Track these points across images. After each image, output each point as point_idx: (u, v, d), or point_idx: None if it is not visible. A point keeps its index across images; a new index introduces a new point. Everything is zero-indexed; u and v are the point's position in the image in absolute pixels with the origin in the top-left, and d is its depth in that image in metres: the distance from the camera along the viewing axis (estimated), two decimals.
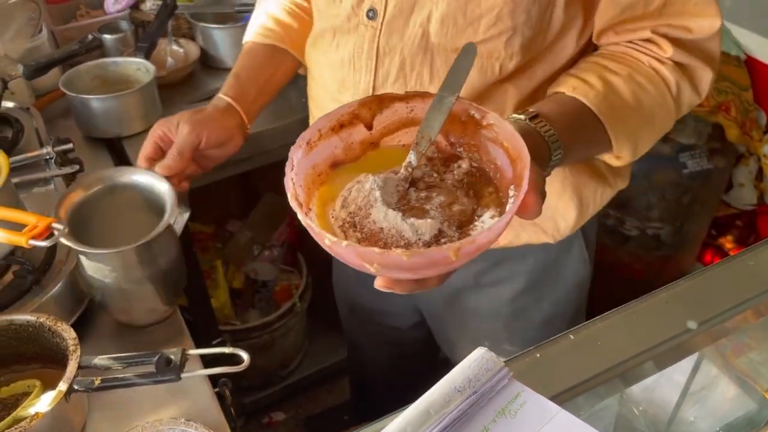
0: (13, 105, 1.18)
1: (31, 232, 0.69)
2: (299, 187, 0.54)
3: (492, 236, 0.47)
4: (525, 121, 0.64)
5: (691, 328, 0.39)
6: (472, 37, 0.71)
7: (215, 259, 1.78)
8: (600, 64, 0.73)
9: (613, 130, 0.70)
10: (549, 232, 0.85)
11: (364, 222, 0.52)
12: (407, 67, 0.75)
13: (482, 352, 0.35)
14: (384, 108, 0.58)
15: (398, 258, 0.45)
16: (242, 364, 0.70)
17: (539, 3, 0.69)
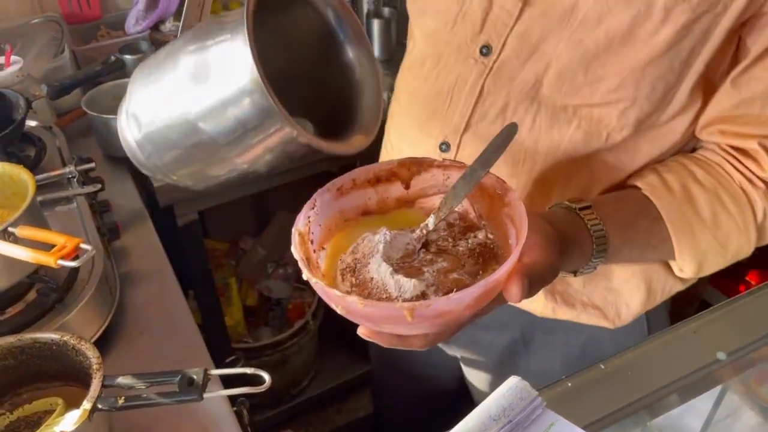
0: (36, 124, 1.20)
1: (60, 252, 0.70)
2: (317, 225, 0.57)
3: (452, 306, 0.46)
4: (574, 209, 0.62)
5: (720, 358, 0.39)
6: (587, 98, 0.66)
7: (229, 276, 1.79)
8: (688, 169, 0.68)
9: (679, 243, 0.66)
10: (609, 318, 0.81)
11: (362, 270, 0.54)
12: (509, 111, 0.71)
13: (516, 381, 0.35)
14: (422, 171, 0.60)
15: (355, 304, 0.46)
16: (263, 384, 0.70)
17: (666, 80, 0.64)
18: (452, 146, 0.77)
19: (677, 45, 0.61)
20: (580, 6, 0.62)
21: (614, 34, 0.62)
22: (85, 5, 1.55)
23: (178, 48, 0.50)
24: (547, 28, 0.65)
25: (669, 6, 0.59)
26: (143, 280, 0.96)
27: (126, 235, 1.03)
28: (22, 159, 1.09)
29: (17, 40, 1.37)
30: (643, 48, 0.62)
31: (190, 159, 0.52)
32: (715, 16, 0.59)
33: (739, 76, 0.64)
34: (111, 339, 0.86)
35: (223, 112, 0.46)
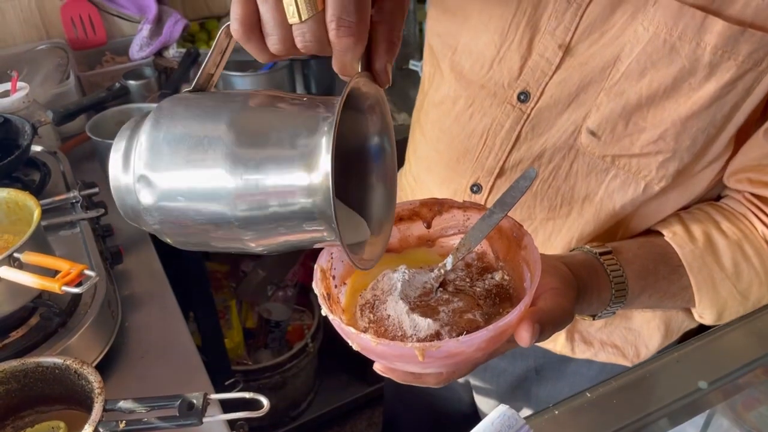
0: (41, 149, 1.22)
1: (65, 278, 0.71)
2: (339, 261, 0.58)
3: (462, 348, 0.48)
4: (594, 254, 0.63)
5: (701, 387, 0.41)
6: (627, 149, 0.65)
7: (229, 298, 1.80)
8: (712, 218, 0.68)
9: (700, 292, 0.66)
10: (629, 357, 0.82)
11: (380, 306, 0.55)
12: (545, 157, 0.70)
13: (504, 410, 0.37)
14: (444, 211, 0.62)
15: (368, 342, 0.48)
16: (262, 409, 0.71)
17: (708, 133, 0.63)
18: (484, 189, 0.76)
19: (720, 100, 0.61)
20: (622, 59, 0.62)
21: (657, 87, 0.62)
22: (90, 31, 1.59)
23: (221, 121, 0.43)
24: (588, 78, 0.65)
25: (714, 63, 0.59)
26: (145, 303, 0.98)
27: (128, 258, 1.05)
28: (27, 184, 1.11)
29: (23, 66, 1.40)
30: (686, 102, 0.61)
31: (203, 236, 0.47)
32: (759, 73, 0.59)
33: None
34: (112, 362, 0.87)
35: (267, 208, 0.42)
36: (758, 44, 0.57)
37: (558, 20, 0.65)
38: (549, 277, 0.55)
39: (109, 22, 1.62)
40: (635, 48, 0.61)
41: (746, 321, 0.49)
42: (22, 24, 1.54)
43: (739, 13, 0.57)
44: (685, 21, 0.58)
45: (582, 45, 0.64)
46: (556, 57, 0.66)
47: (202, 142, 0.42)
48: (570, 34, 0.65)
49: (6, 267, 0.74)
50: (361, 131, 0.51)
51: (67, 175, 1.16)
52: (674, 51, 0.60)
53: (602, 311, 0.65)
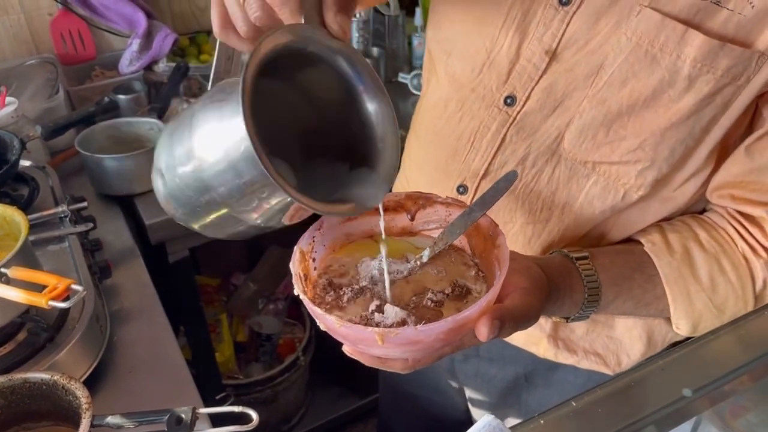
0: (30, 164, 1.22)
1: (52, 293, 0.71)
2: (321, 245, 0.62)
3: (421, 336, 0.50)
4: (570, 258, 0.64)
5: (686, 395, 0.41)
6: (607, 156, 0.67)
7: (220, 312, 1.79)
8: (692, 230, 0.69)
9: (675, 302, 0.67)
10: (610, 365, 0.82)
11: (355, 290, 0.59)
12: (528, 161, 0.72)
13: (489, 419, 0.37)
14: (428, 205, 0.64)
15: (333, 323, 0.50)
16: (251, 423, 0.71)
17: (686, 144, 0.65)
18: (470, 190, 0.77)
19: (699, 112, 0.62)
20: (605, 67, 0.63)
21: (638, 97, 0.63)
22: (79, 46, 1.59)
23: (195, 109, 0.51)
24: (573, 84, 0.66)
25: (693, 75, 0.60)
26: (133, 318, 0.97)
27: (117, 273, 1.04)
28: (15, 198, 1.11)
29: (12, 80, 1.40)
30: (665, 113, 0.63)
31: (206, 215, 0.54)
32: (737, 88, 0.61)
33: (753, 144, 0.65)
34: (101, 377, 0.86)
35: (227, 176, 0.48)
36: (737, 59, 0.59)
37: (546, 26, 0.66)
38: (519, 276, 0.56)
39: (98, 36, 1.63)
40: (618, 57, 0.62)
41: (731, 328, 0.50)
42: (11, 39, 1.55)
43: (719, 28, 0.58)
44: (667, 33, 0.60)
45: (568, 51, 0.66)
46: (542, 62, 0.67)
47: (179, 134, 0.51)
48: (557, 40, 0.66)
49: None
50: (344, 87, 0.55)
51: (55, 189, 1.16)
52: (655, 62, 0.61)
53: (575, 313, 0.66)
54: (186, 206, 0.54)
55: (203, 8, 1.75)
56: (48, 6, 1.55)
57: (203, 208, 0.52)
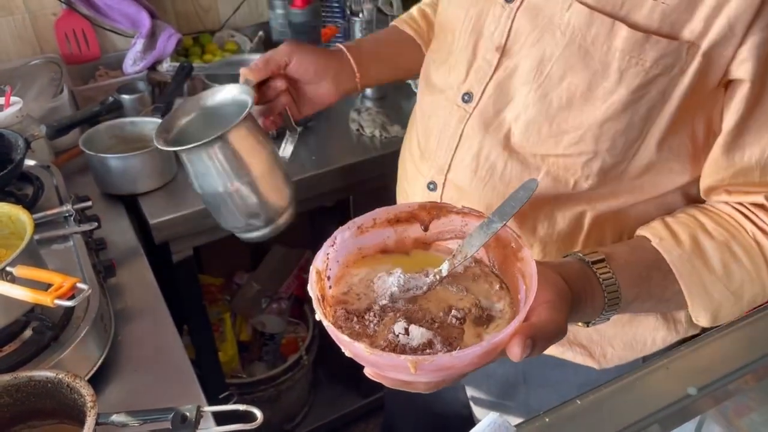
0: (34, 163, 1.22)
1: (57, 291, 0.71)
2: (335, 262, 0.60)
3: (455, 362, 0.49)
4: (588, 263, 0.64)
5: (691, 393, 0.41)
6: (552, 149, 0.69)
7: (223, 311, 1.79)
8: (698, 220, 0.69)
9: (691, 295, 0.67)
10: (595, 357, 0.83)
11: (374, 310, 0.56)
12: (482, 156, 0.74)
13: (495, 417, 0.37)
14: (442, 215, 0.63)
15: (361, 351, 0.49)
16: (255, 421, 0.71)
17: (627, 136, 0.66)
18: (438, 186, 0.80)
19: (634, 105, 0.64)
20: (545, 62, 0.66)
21: (575, 90, 0.65)
22: (84, 46, 1.59)
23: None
24: (520, 79, 0.69)
25: (623, 68, 0.62)
26: (138, 317, 0.98)
27: (121, 272, 1.05)
28: (20, 198, 1.11)
29: (17, 80, 1.40)
30: (601, 105, 0.65)
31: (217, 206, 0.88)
32: (672, 78, 0.62)
33: (729, 147, 0.66)
34: (105, 376, 0.86)
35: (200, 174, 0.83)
36: (664, 51, 0.60)
37: (495, 24, 0.71)
38: (544, 290, 0.55)
39: (102, 36, 1.63)
40: (555, 51, 0.65)
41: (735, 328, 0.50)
42: (15, 39, 1.55)
43: (645, 19, 0.60)
44: (596, 27, 0.62)
45: (515, 47, 0.69)
46: (494, 59, 0.71)
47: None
48: (504, 36, 0.70)
49: None
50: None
51: (60, 189, 1.16)
52: (588, 55, 0.63)
53: (596, 318, 0.65)
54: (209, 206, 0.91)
55: (207, 8, 1.76)
56: (52, 6, 1.56)
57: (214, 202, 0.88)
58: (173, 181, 1.30)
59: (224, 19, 1.79)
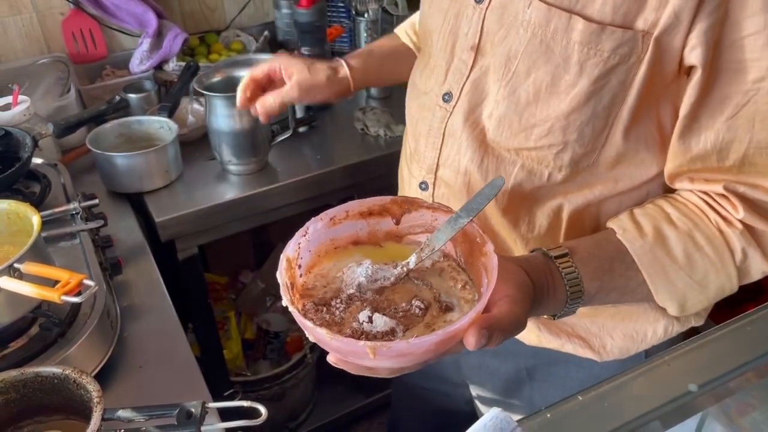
0: (42, 161, 1.23)
1: (64, 288, 0.72)
2: (306, 251, 0.62)
3: (412, 349, 0.51)
4: (551, 257, 0.65)
5: (692, 390, 0.41)
6: (524, 142, 0.71)
7: (228, 310, 1.80)
8: (663, 210, 0.70)
9: (654, 285, 0.68)
10: (595, 348, 0.83)
11: (342, 298, 0.59)
12: (461, 153, 0.77)
13: (497, 412, 0.37)
14: (413, 210, 0.65)
15: (323, 336, 0.51)
16: (260, 417, 0.71)
17: (593, 126, 0.68)
18: (429, 185, 0.83)
19: (596, 95, 0.66)
20: (511, 58, 0.69)
21: (540, 85, 0.68)
22: (91, 45, 1.60)
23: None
24: (491, 77, 0.72)
25: (582, 60, 0.64)
26: (143, 314, 0.98)
27: (127, 269, 1.06)
28: (28, 195, 1.12)
29: (25, 79, 1.41)
30: (565, 98, 0.67)
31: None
32: (630, 67, 0.63)
33: (684, 134, 0.67)
34: (111, 372, 0.87)
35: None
36: (620, 41, 0.62)
37: (468, 24, 0.73)
38: (506, 284, 0.57)
39: (109, 36, 1.64)
40: (520, 48, 0.68)
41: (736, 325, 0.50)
42: (23, 38, 1.56)
43: (598, 13, 0.62)
44: (555, 22, 0.64)
45: (487, 46, 0.72)
46: (469, 58, 0.74)
47: None
48: (477, 36, 0.73)
49: (6, 277, 0.75)
50: None
51: (67, 187, 1.17)
52: (549, 50, 0.66)
53: (560, 311, 0.67)
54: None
55: (213, 8, 1.76)
56: (60, 5, 1.57)
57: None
58: (179, 179, 1.31)
59: (230, 19, 1.79)
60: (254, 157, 1.31)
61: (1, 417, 0.72)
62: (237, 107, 0.99)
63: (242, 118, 1.24)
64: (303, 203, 1.38)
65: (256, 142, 1.29)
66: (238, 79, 1.24)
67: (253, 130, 1.27)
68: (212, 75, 1.28)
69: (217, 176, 1.33)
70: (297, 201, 1.36)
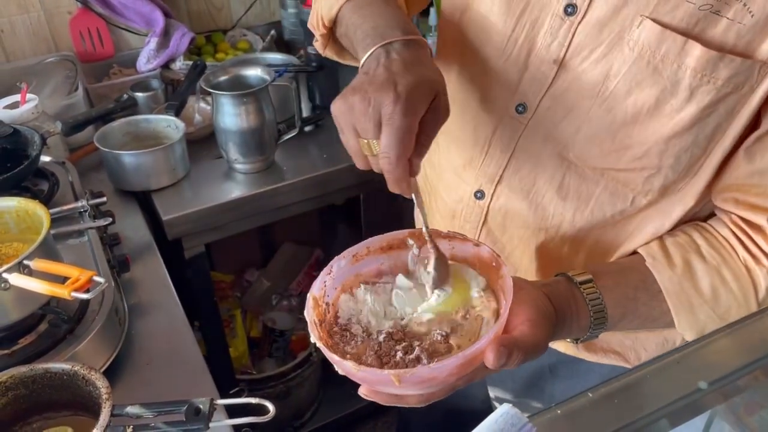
0: (50, 159, 1.23)
1: (74, 284, 0.72)
2: (332, 289, 0.64)
3: (435, 374, 0.52)
4: (575, 283, 0.65)
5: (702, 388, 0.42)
6: (614, 163, 0.68)
7: (234, 308, 1.81)
8: (695, 243, 0.69)
9: (678, 316, 0.68)
10: (630, 360, 0.83)
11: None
12: (540, 167, 0.73)
13: (507, 408, 0.38)
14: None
15: (349, 368, 0.53)
16: (267, 414, 0.72)
17: (691, 152, 0.65)
18: (486, 195, 0.79)
19: (701, 122, 0.63)
20: (611, 77, 0.64)
21: (641, 106, 0.64)
22: (98, 44, 1.61)
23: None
24: (580, 93, 0.67)
25: (694, 86, 0.61)
26: (151, 311, 0.99)
27: (135, 267, 1.06)
28: (36, 193, 1.13)
29: (33, 78, 1.42)
30: (668, 122, 0.63)
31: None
32: (741, 96, 0.61)
33: (753, 146, 0.65)
34: (119, 369, 0.88)
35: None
36: (737, 69, 0.59)
37: (553, 36, 0.68)
38: (528, 307, 0.58)
39: (116, 35, 1.65)
40: (622, 67, 0.63)
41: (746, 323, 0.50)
42: (31, 37, 1.57)
43: (719, 38, 0.59)
44: (668, 44, 0.60)
45: (575, 60, 0.67)
46: (551, 71, 0.69)
47: None
48: (564, 49, 0.67)
49: (16, 274, 0.75)
50: None
51: (75, 184, 1.18)
52: (657, 72, 0.62)
53: (584, 336, 0.67)
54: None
55: (219, 7, 1.77)
56: (67, 4, 1.57)
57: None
58: (186, 177, 1.31)
59: (236, 18, 1.80)
60: (261, 156, 1.31)
61: (10, 413, 0.72)
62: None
63: (249, 116, 1.25)
64: (309, 202, 1.38)
65: (262, 140, 1.29)
66: (245, 78, 1.31)
67: (259, 129, 1.27)
68: (219, 74, 1.28)
69: (224, 175, 1.33)
70: (303, 199, 1.36)
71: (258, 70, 1.31)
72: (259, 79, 1.29)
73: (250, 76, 1.31)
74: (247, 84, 1.30)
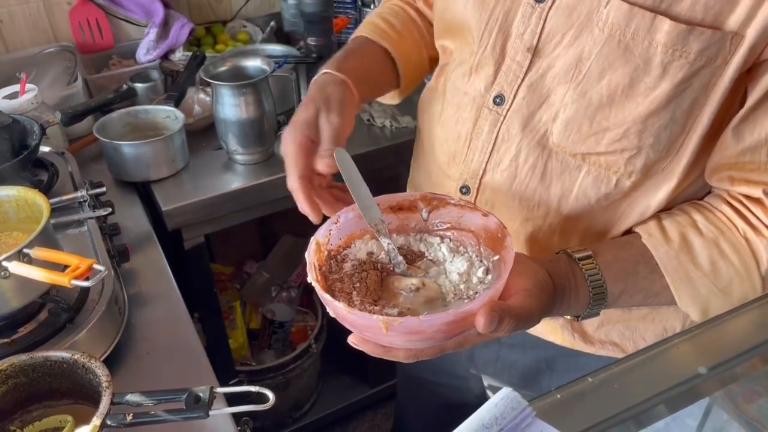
0: (49, 149, 1.23)
1: (74, 272, 0.72)
2: (336, 239, 0.66)
3: (423, 326, 0.53)
4: (575, 259, 0.65)
5: (701, 373, 0.42)
6: (593, 147, 0.68)
7: (233, 299, 1.81)
8: (690, 217, 0.69)
9: (677, 291, 0.68)
10: (628, 351, 0.83)
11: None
12: (521, 157, 0.73)
13: (507, 392, 0.38)
14: (441, 207, 0.68)
15: (340, 309, 0.54)
16: (267, 402, 0.72)
17: (670, 130, 0.65)
18: (472, 190, 0.79)
19: (677, 97, 0.63)
20: (583, 60, 0.65)
21: (615, 87, 0.64)
22: (97, 35, 1.60)
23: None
24: (555, 79, 0.68)
25: (666, 62, 0.61)
26: (151, 301, 0.99)
27: (134, 257, 1.06)
28: (36, 183, 1.12)
29: (32, 68, 1.42)
30: (643, 101, 0.63)
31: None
32: (715, 69, 0.61)
33: (739, 125, 0.65)
34: (119, 358, 0.88)
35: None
36: (708, 42, 0.59)
37: (525, 24, 0.69)
38: (524, 278, 0.59)
39: (116, 26, 1.64)
40: (594, 49, 0.64)
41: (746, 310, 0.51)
42: (31, 28, 1.56)
43: (687, 11, 0.59)
44: (636, 21, 0.60)
45: (548, 47, 0.68)
46: (525, 60, 0.70)
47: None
48: (536, 37, 0.68)
49: (16, 262, 0.75)
50: None
51: (74, 175, 1.17)
52: (628, 51, 0.62)
53: (584, 312, 0.68)
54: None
55: None
56: None
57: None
58: (185, 168, 1.31)
59: (236, 10, 1.79)
60: (260, 147, 1.31)
61: (10, 401, 0.73)
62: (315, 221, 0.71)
63: (248, 107, 1.25)
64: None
65: (262, 131, 1.29)
66: (244, 69, 1.31)
67: (259, 120, 1.27)
68: (219, 64, 1.28)
69: (224, 165, 1.33)
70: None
71: (258, 61, 1.31)
72: (258, 70, 1.29)
73: (250, 67, 1.30)
74: (247, 75, 1.30)
